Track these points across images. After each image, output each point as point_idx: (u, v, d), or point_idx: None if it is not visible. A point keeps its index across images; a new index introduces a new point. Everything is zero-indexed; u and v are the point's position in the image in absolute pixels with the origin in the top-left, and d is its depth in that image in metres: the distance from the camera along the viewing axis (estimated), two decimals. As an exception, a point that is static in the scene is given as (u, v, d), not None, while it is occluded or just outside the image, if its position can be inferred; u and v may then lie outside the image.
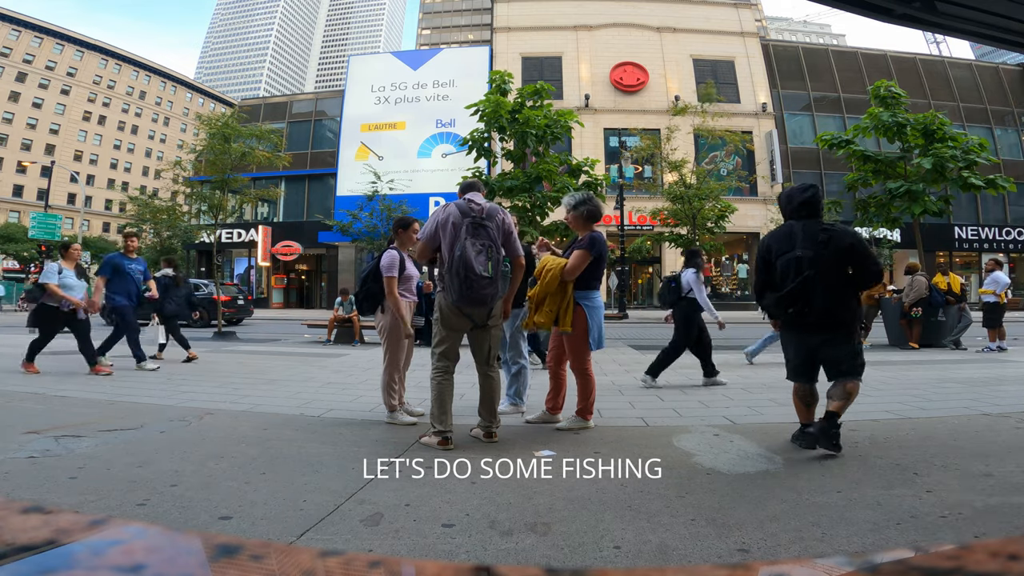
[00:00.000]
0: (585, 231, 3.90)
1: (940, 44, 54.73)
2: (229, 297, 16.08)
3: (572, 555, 1.95)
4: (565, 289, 3.76)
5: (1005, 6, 2.42)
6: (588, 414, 3.80)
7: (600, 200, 4.08)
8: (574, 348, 3.85)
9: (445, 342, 3.45)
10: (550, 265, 3.81)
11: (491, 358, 3.56)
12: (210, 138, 12.59)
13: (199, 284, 16.64)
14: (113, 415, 4.05)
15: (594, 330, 3.82)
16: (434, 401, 3.41)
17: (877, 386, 5.47)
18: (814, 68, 28.64)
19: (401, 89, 28.22)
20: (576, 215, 3.94)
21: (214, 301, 15.64)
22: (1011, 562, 0.37)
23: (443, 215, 3.38)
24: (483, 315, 3.44)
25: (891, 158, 10.60)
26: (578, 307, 3.78)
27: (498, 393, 3.56)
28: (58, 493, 2.50)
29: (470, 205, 3.41)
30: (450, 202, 3.47)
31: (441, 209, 3.44)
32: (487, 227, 3.37)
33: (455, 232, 3.29)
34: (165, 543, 0.50)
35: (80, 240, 30.66)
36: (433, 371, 3.46)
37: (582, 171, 10.68)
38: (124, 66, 65.40)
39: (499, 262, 3.37)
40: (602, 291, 26.59)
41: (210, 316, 15.34)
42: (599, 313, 3.88)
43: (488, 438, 3.46)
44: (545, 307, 3.74)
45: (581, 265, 3.75)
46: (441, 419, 3.36)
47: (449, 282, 3.27)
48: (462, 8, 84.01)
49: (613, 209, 19.92)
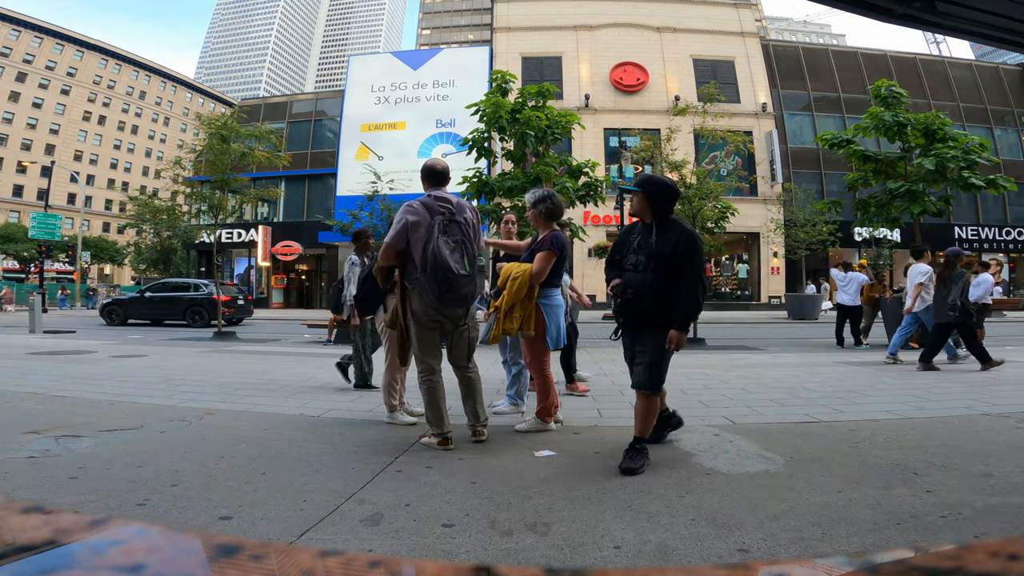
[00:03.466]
0: (546, 229, 3.84)
1: (940, 44, 54.77)
2: (229, 297, 16.06)
3: (572, 555, 1.95)
4: (532, 293, 3.71)
5: (1005, 6, 2.42)
6: (548, 416, 3.75)
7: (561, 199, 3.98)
8: (532, 348, 3.83)
9: (423, 344, 3.35)
10: (516, 273, 3.70)
11: (468, 358, 3.48)
12: (209, 138, 12.58)
13: (199, 284, 16.66)
14: (113, 415, 4.04)
15: (552, 328, 3.79)
16: (427, 405, 3.34)
17: (877, 386, 5.47)
18: (814, 68, 28.64)
19: (401, 89, 28.22)
20: (535, 213, 3.87)
21: (213, 301, 15.68)
22: (1011, 562, 0.37)
23: (411, 216, 3.21)
24: (459, 316, 3.37)
25: (891, 158, 10.59)
26: (536, 307, 3.74)
27: (479, 392, 3.48)
28: (58, 493, 2.50)
29: (437, 202, 3.27)
30: (414, 200, 3.29)
31: (406, 210, 3.25)
32: (459, 223, 3.26)
33: (427, 232, 3.16)
34: (165, 543, 0.50)
35: (80, 240, 30.70)
36: (420, 375, 3.37)
37: (582, 172, 10.67)
38: (124, 66, 65.42)
39: (475, 258, 3.30)
40: (602, 291, 26.59)
41: (210, 316, 15.39)
42: (558, 312, 3.85)
43: (476, 436, 3.39)
44: (515, 314, 3.66)
45: (547, 268, 3.70)
46: (438, 421, 3.30)
47: (425, 284, 3.14)
48: (462, 8, 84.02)
49: (613, 209, 19.91)
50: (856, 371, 6.53)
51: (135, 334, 12.73)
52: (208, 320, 15.59)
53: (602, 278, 16.60)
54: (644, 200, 3.07)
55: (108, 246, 43.86)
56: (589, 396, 5.01)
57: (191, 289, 16.36)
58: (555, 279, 3.85)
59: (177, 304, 16.03)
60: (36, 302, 12.78)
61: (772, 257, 25.67)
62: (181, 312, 15.88)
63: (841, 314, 10.00)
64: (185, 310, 15.84)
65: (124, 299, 17.18)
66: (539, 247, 3.77)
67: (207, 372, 6.37)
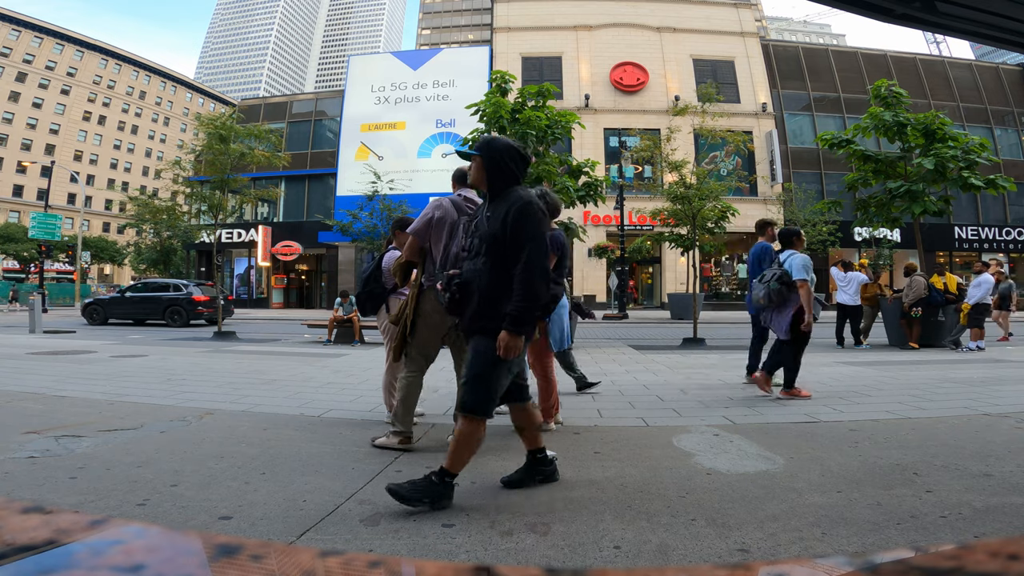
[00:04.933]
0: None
1: (940, 44, 54.79)
2: (208, 297, 16.24)
3: (572, 555, 1.95)
4: None
5: (1005, 6, 2.42)
6: (548, 417, 3.75)
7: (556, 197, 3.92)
8: (535, 350, 3.81)
9: (426, 342, 3.33)
10: None
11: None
12: (208, 138, 12.58)
13: (178, 284, 16.74)
14: (113, 415, 4.05)
15: (554, 331, 3.75)
16: (401, 400, 3.31)
17: (877, 386, 5.47)
18: (814, 68, 28.64)
19: (401, 89, 28.22)
20: None
21: (192, 301, 15.75)
22: (1011, 562, 0.37)
23: (437, 211, 3.22)
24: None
25: (891, 158, 10.59)
26: None
27: None
28: (58, 493, 2.50)
29: (465, 202, 3.27)
30: (443, 197, 3.31)
31: (434, 205, 3.27)
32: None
33: (450, 230, 3.16)
34: (165, 543, 0.50)
35: (80, 240, 30.70)
36: (406, 370, 3.34)
37: (582, 172, 10.67)
38: (124, 66, 65.42)
39: None
40: (602, 291, 26.49)
41: (188, 316, 15.70)
42: (561, 312, 3.81)
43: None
44: None
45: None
46: (406, 420, 3.29)
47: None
48: (462, 8, 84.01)
49: (613, 209, 19.93)
50: (856, 371, 6.53)
51: (135, 334, 12.73)
52: (187, 320, 15.75)
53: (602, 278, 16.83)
54: (480, 166, 2.51)
55: (108, 246, 43.87)
56: (589, 396, 5.00)
57: (170, 289, 16.48)
58: (556, 279, 3.83)
59: (156, 304, 16.14)
60: (36, 302, 12.77)
61: (772, 257, 25.62)
62: (160, 312, 15.99)
63: (841, 314, 10.01)
64: (164, 310, 15.94)
65: (104, 299, 17.30)
66: None
67: (207, 372, 6.37)
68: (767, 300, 4.82)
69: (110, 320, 16.36)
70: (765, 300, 4.83)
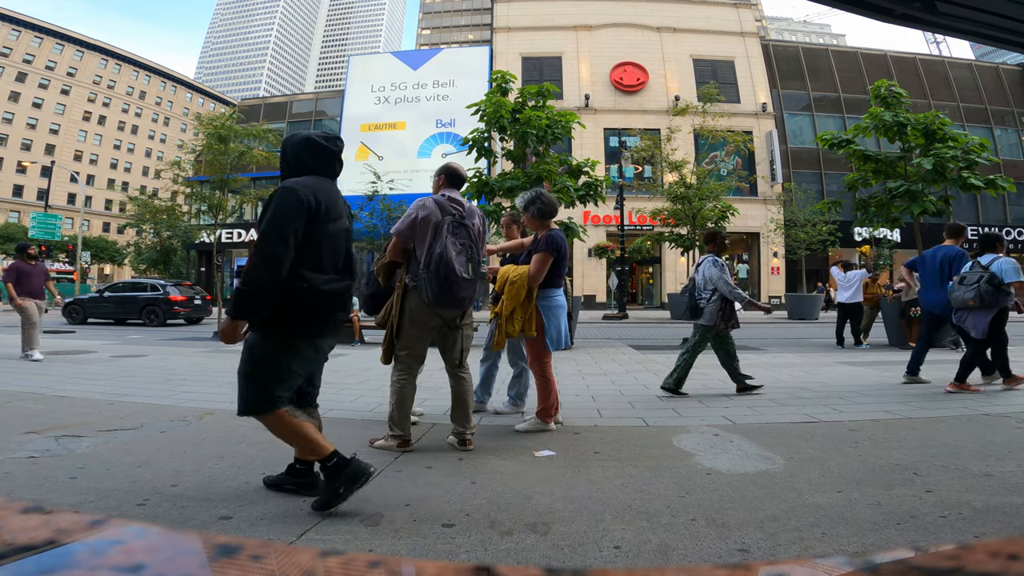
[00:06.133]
0: (542, 229, 3.80)
1: (940, 44, 54.82)
2: (185, 297, 16.27)
3: (572, 555, 1.95)
4: (531, 296, 3.68)
5: (1005, 6, 2.42)
6: (548, 417, 3.74)
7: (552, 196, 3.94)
8: (533, 350, 3.81)
9: (413, 343, 3.29)
10: (513, 276, 3.67)
11: (463, 359, 3.43)
12: (207, 138, 12.59)
13: (156, 284, 16.83)
14: (113, 415, 4.05)
15: (551, 330, 3.73)
16: (395, 405, 3.26)
17: (877, 386, 5.47)
18: (814, 68, 28.65)
19: (401, 89, 28.22)
20: (528, 216, 3.83)
21: (169, 301, 15.80)
22: (1011, 562, 0.37)
23: (421, 212, 3.19)
24: (456, 317, 3.34)
25: (891, 158, 10.58)
26: (535, 309, 3.72)
27: (471, 396, 3.43)
28: (58, 493, 2.50)
29: (450, 203, 3.26)
30: (427, 198, 3.28)
31: (418, 205, 3.24)
32: (467, 226, 3.25)
33: (435, 230, 3.15)
34: (165, 543, 0.50)
35: (80, 240, 30.69)
36: (397, 373, 3.29)
37: (582, 172, 10.67)
38: (124, 66, 65.42)
39: (479, 263, 3.28)
40: (602, 291, 26.47)
41: (164, 315, 15.79)
42: (559, 312, 3.80)
43: (463, 446, 3.30)
44: (515, 317, 3.64)
45: (544, 269, 3.67)
46: (403, 423, 3.26)
47: (427, 281, 3.11)
48: (462, 8, 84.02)
49: (613, 209, 19.92)
50: (856, 371, 6.53)
51: (135, 334, 12.72)
52: (164, 319, 15.83)
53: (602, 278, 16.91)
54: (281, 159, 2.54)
55: (108, 246, 43.85)
56: (589, 396, 5.00)
57: (147, 289, 16.55)
58: (556, 279, 3.81)
59: (133, 303, 16.21)
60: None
61: (772, 257, 25.67)
62: (138, 311, 16.05)
63: (841, 314, 10.01)
64: (141, 309, 16.00)
65: (84, 298, 17.35)
66: (535, 249, 3.75)
67: (207, 372, 6.37)
68: (978, 301, 4.93)
69: (89, 320, 16.41)
70: (976, 301, 4.94)
